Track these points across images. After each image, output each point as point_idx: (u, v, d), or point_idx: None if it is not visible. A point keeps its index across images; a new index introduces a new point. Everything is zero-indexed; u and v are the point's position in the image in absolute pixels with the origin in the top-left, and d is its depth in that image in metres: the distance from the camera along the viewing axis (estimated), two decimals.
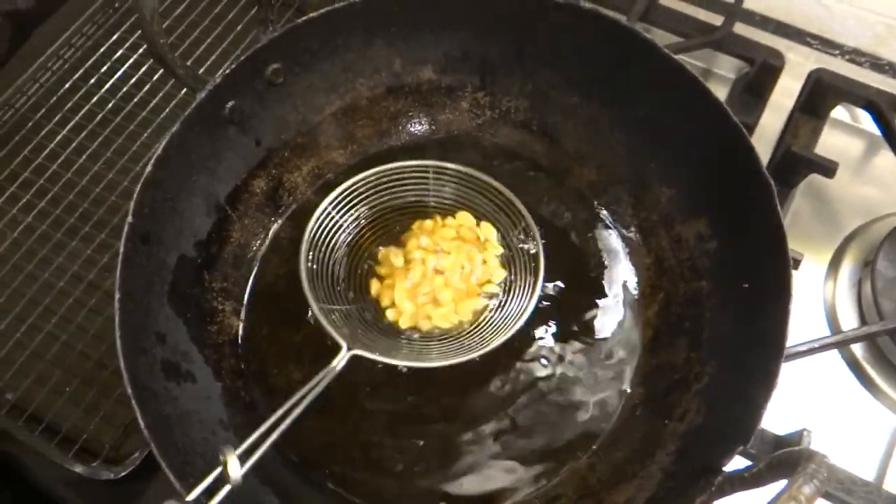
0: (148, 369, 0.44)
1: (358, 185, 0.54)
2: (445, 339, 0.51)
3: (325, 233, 0.53)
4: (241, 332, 0.52)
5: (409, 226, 0.55)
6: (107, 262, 0.59)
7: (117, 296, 0.42)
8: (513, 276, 0.52)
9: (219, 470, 0.38)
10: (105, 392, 0.54)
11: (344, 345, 0.46)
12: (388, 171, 0.54)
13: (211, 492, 0.38)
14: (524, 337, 0.51)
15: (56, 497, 0.52)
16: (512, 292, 0.52)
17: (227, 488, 0.38)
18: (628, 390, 0.50)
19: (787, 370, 0.41)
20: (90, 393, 0.54)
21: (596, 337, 0.52)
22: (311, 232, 0.52)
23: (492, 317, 0.51)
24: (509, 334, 0.49)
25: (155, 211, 0.47)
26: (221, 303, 0.52)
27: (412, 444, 0.49)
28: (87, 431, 0.52)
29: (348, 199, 0.54)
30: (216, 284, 0.52)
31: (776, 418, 0.46)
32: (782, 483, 0.32)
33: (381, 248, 0.54)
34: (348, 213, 0.54)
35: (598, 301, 0.53)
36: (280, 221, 0.56)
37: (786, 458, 0.34)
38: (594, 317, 0.53)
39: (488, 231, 0.54)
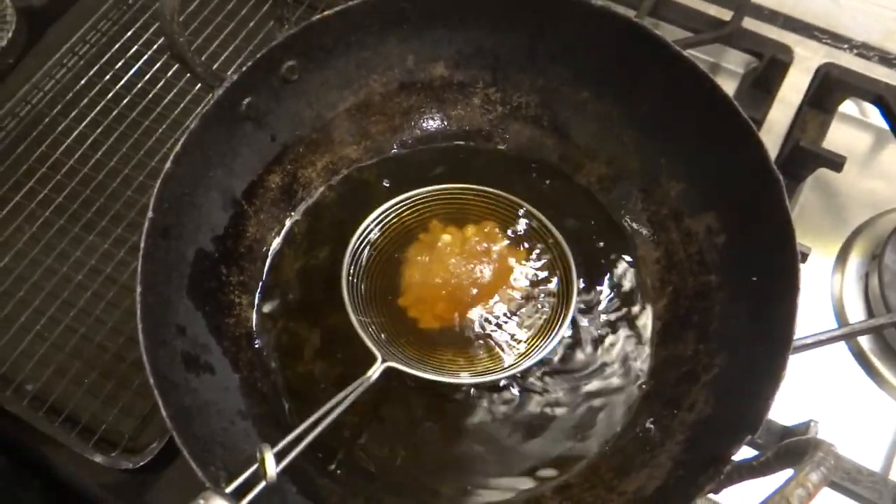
0: (168, 361, 0.44)
1: (398, 205, 0.55)
2: (474, 355, 0.51)
3: (364, 248, 0.54)
4: (257, 324, 0.53)
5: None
6: (123, 256, 0.60)
7: (138, 289, 0.43)
8: (544, 300, 0.53)
9: (255, 466, 0.39)
10: (123, 383, 0.55)
11: (379, 356, 0.47)
12: (429, 192, 0.55)
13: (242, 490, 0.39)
14: None
15: (78, 487, 0.54)
16: (545, 314, 0.53)
17: (262, 485, 0.39)
18: (638, 382, 0.51)
19: (794, 362, 0.42)
20: (109, 384, 0.55)
21: (605, 330, 0.53)
22: (353, 247, 0.52)
23: (522, 337, 0.52)
24: (539, 357, 0.49)
25: (174, 206, 0.47)
26: (238, 296, 0.52)
27: (423, 437, 0.49)
28: (106, 422, 0.53)
29: (388, 217, 0.55)
30: (233, 278, 0.52)
31: (784, 410, 0.46)
32: (790, 472, 0.33)
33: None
34: (387, 231, 0.55)
35: (607, 295, 0.54)
36: (295, 216, 0.57)
37: (793, 447, 0.34)
38: (603, 310, 0.53)
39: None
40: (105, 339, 0.57)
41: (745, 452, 0.40)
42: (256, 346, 0.52)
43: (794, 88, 0.63)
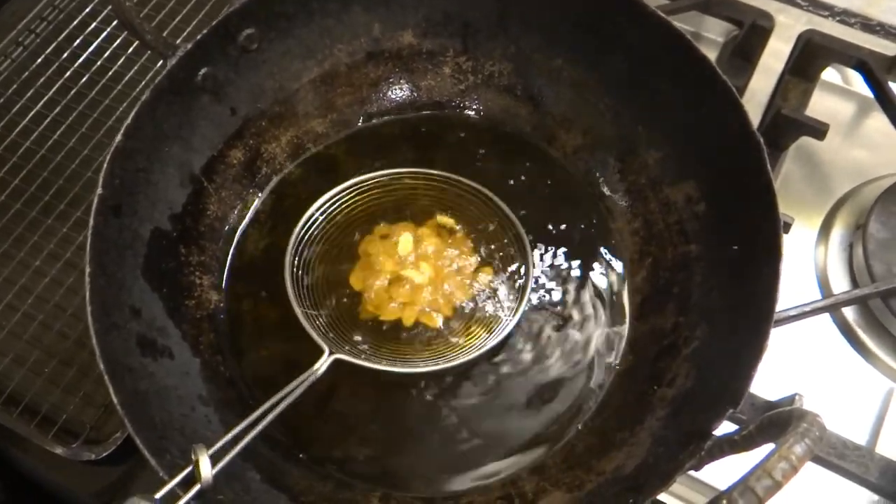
0: (122, 344, 0.43)
1: (346, 191, 0.53)
2: (432, 343, 0.50)
3: (311, 237, 0.52)
4: (219, 306, 0.51)
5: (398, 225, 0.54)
6: (83, 240, 0.56)
7: (87, 269, 0.41)
8: (497, 283, 0.52)
9: (189, 469, 0.37)
10: (84, 372, 0.53)
11: (326, 349, 0.46)
12: (377, 177, 0.53)
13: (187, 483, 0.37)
14: None
15: (40, 482, 0.52)
16: (498, 298, 0.51)
17: (196, 488, 0.37)
18: (617, 357, 0.49)
19: (778, 336, 0.41)
20: (69, 373, 0.53)
21: (583, 306, 0.51)
22: (297, 237, 0.51)
23: (477, 322, 0.51)
24: (494, 342, 0.48)
25: (126, 182, 0.45)
26: (199, 277, 0.50)
27: (393, 422, 0.48)
28: (66, 412, 0.51)
29: (335, 204, 0.53)
30: (193, 258, 0.50)
31: (768, 384, 0.45)
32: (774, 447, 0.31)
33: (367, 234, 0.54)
34: (335, 218, 0.53)
35: (584, 270, 0.52)
36: (259, 193, 0.55)
37: (776, 419, 0.33)
38: (581, 286, 0.52)
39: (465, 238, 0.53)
40: (65, 327, 0.55)
41: (728, 429, 0.38)
42: (218, 329, 0.50)
43: (775, 56, 0.62)
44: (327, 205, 0.53)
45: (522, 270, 0.51)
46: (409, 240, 0.52)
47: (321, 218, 0.53)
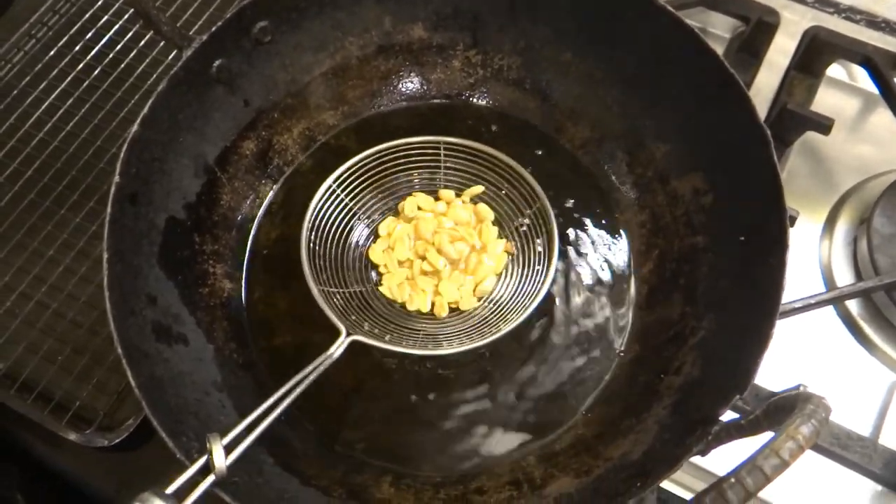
0: (138, 331, 0.43)
1: (363, 162, 0.52)
2: (452, 324, 0.50)
3: (328, 212, 0.52)
4: (232, 294, 0.51)
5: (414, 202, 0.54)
6: (96, 229, 0.58)
7: (105, 256, 0.42)
8: (521, 265, 0.52)
9: (202, 460, 0.37)
10: (97, 359, 0.53)
11: (343, 330, 0.45)
12: (396, 146, 0.53)
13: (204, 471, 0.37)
14: None
15: (54, 469, 0.52)
16: (520, 279, 0.51)
17: (210, 479, 0.36)
18: (623, 346, 0.50)
19: (783, 328, 0.41)
20: (82, 360, 0.53)
21: (590, 296, 0.52)
22: (313, 211, 0.50)
23: (497, 304, 0.50)
24: (516, 323, 0.47)
25: (142, 171, 0.46)
26: (212, 265, 0.51)
27: (405, 406, 0.48)
28: (80, 399, 0.52)
29: (353, 176, 0.52)
30: (207, 247, 0.51)
31: (773, 376, 0.45)
32: None
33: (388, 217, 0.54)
34: (354, 192, 0.53)
35: (591, 261, 0.53)
36: (270, 184, 0.55)
37: (782, 403, 0.33)
38: (588, 276, 0.52)
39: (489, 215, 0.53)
40: (78, 315, 0.55)
41: (732, 418, 0.39)
42: (231, 316, 0.51)
43: (781, 52, 0.63)
44: (346, 175, 0.52)
45: (545, 254, 0.50)
46: (431, 220, 0.52)
47: (339, 190, 0.52)
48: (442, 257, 0.51)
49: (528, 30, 0.55)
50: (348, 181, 0.53)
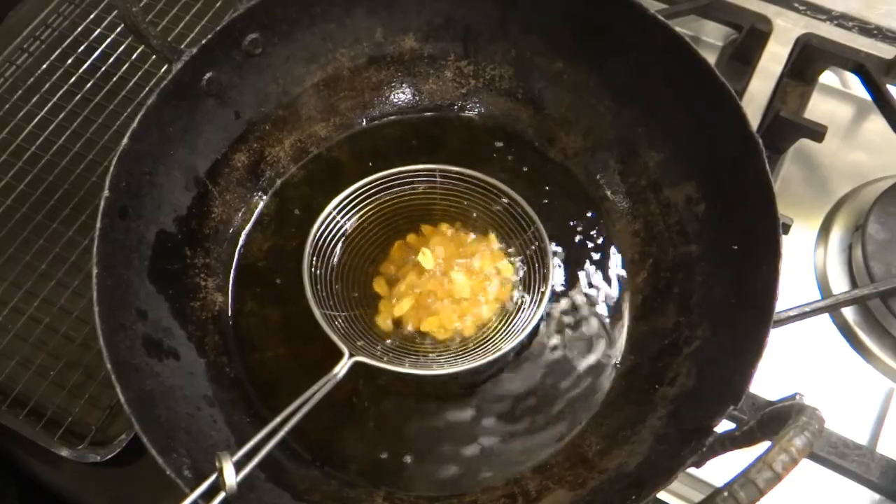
0: (128, 345, 0.43)
1: (363, 189, 0.52)
2: (451, 346, 0.50)
3: (329, 237, 0.52)
4: (224, 308, 0.51)
5: (421, 231, 0.54)
6: (88, 243, 0.57)
7: (95, 271, 0.42)
8: (521, 287, 0.51)
9: (213, 478, 0.37)
10: (90, 374, 0.53)
11: (346, 351, 0.45)
12: (393, 174, 0.53)
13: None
14: None
15: (48, 485, 0.52)
16: (519, 302, 0.51)
17: (220, 497, 0.37)
18: (618, 357, 0.50)
19: (778, 336, 0.41)
20: (75, 375, 0.53)
21: (584, 307, 0.51)
22: (314, 236, 0.50)
23: (498, 325, 0.50)
24: (517, 342, 0.48)
25: (132, 185, 0.46)
26: (204, 279, 0.51)
27: (399, 422, 0.48)
28: (72, 414, 0.51)
29: (353, 203, 0.52)
30: (198, 260, 0.51)
31: (768, 384, 0.45)
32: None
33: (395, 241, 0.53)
34: (353, 218, 0.53)
35: (584, 271, 0.53)
36: (263, 196, 0.55)
37: (776, 414, 0.33)
38: (582, 288, 0.52)
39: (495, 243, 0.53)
40: (70, 329, 0.55)
41: (727, 428, 0.38)
42: (223, 330, 0.50)
43: (773, 59, 0.63)
44: (347, 201, 0.52)
45: (542, 277, 0.50)
46: (430, 252, 0.52)
47: (339, 217, 0.52)
48: (442, 282, 0.51)
49: (520, 39, 0.55)
50: (349, 206, 0.53)
